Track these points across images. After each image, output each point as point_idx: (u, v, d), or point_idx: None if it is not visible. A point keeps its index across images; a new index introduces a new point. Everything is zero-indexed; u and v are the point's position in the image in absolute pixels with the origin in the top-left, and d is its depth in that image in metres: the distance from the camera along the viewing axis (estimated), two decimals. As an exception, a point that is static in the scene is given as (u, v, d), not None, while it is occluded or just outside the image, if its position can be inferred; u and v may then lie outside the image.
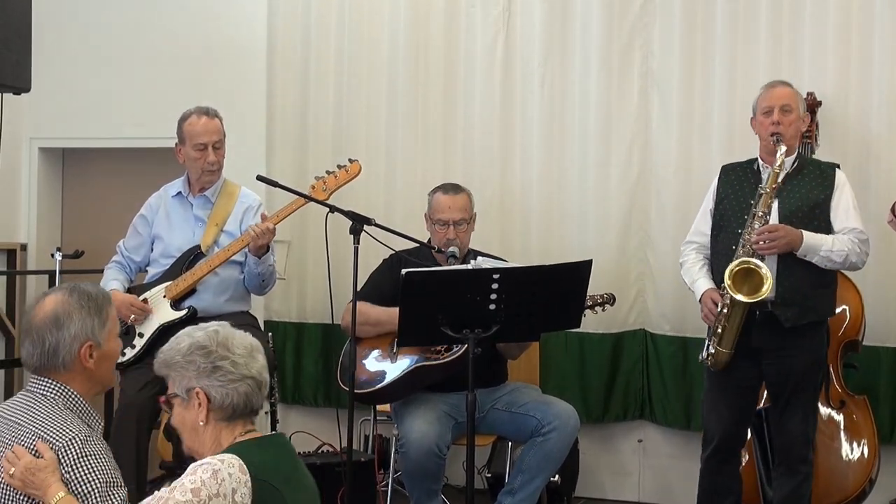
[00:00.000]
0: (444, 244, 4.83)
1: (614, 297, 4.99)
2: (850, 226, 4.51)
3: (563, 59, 5.99)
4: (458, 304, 4.03)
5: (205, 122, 4.87)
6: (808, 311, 4.47)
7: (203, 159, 4.86)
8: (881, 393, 5.38)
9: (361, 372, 4.72)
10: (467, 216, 4.94)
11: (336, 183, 4.73)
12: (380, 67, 6.32)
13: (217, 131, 4.90)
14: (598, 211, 5.93)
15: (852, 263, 4.52)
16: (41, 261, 6.96)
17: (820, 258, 4.44)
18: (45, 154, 7.24)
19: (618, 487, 6.04)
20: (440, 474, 4.67)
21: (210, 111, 4.92)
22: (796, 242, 4.41)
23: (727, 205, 4.64)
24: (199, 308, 4.79)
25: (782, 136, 4.50)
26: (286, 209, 4.78)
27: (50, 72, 6.63)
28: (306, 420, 6.39)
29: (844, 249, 4.45)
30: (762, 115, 4.59)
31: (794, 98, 4.61)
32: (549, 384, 5.69)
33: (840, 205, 4.54)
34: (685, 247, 4.82)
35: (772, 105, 4.56)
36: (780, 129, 4.51)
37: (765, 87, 4.69)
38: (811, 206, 4.51)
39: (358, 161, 4.77)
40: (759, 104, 4.63)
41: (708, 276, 4.65)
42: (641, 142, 5.87)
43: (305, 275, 6.42)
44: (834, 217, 4.53)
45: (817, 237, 4.44)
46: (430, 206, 5.00)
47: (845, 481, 4.94)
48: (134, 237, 5.04)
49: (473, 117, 6.14)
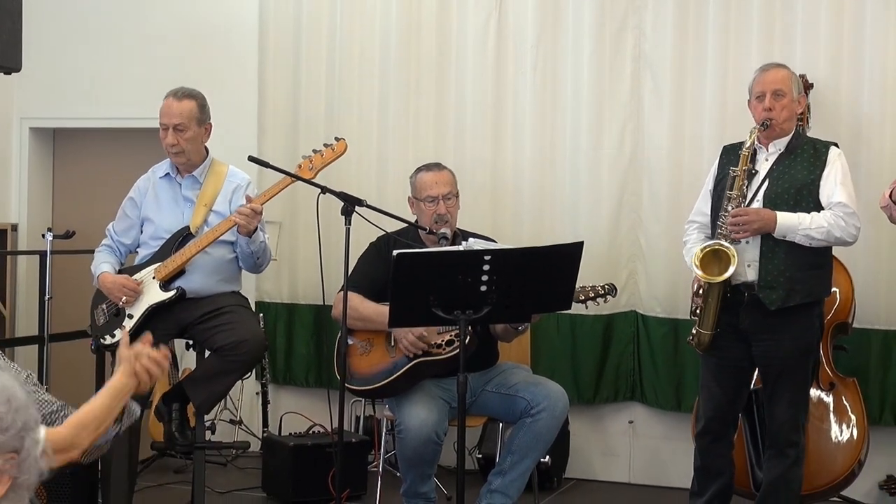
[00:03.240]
0: (435, 221, 4.82)
1: (615, 287, 4.90)
2: (836, 200, 4.42)
3: (555, 41, 5.98)
4: (449, 286, 4.03)
5: (169, 102, 4.82)
6: (793, 294, 4.42)
7: (164, 140, 4.85)
8: (871, 375, 5.40)
9: (359, 367, 4.70)
10: (454, 190, 4.93)
11: (322, 161, 4.70)
12: (372, 48, 6.31)
13: (179, 114, 4.80)
14: (590, 193, 5.93)
15: (838, 239, 4.43)
16: (32, 241, 6.96)
17: (800, 237, 4.39)
18: (36, 134, 7.22)
19: (608, 468, 6.06)
20: (436, 460, 4.68)
21: (180, 92, 4.84)
22: (769, 224, 4.38)
23: (724, 185, 4.60)
24: (191, 289, 4.78)
25: (773, 121, 4.48)
26: (272, 189, 4.75)
27: (41, 52, 6.62)
28: (297, 401, 6.41)
29: (824, 225, 4.38)
30: (755, 99, 4.57)
31: (787, 81, 4.58)
32: (541, 365, 5.70)
33: (828, 181, 4.47)
34: (688, 226, 4.79)
35: (763, 90, 4.54)
36: (771, 114, 4.49)
37: (759, 71, 4.65)
38: (798, 187, 4.47)
39: (344, 139, 4.74)
40: (753, 88, 4.60)
41: None
42: (633, 124, 5.87)
43: (297, 256, 6.42)
44: (822, 194, 4.47)
45: (793, 217, 4.39)
46: (415, 186, 4.97)
47: (834, 463, 4.96)
48: (123, 220, 5.02)
49: (465, 99, 6.14)
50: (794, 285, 4.42)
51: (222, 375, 4.76)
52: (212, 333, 4.74)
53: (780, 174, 4.51)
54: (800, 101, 4.65)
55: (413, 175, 5.01)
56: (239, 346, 4.66)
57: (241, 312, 4.86)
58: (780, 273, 4.42)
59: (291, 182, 4.71)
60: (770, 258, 4.43)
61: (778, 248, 4.42)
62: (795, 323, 4.47)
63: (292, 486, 5.43)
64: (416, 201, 4.95)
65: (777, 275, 4.42)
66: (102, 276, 4.84)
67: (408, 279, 4.05)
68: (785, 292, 4.42)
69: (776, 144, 4.55)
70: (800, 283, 4.44)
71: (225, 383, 4.83)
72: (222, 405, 6.20)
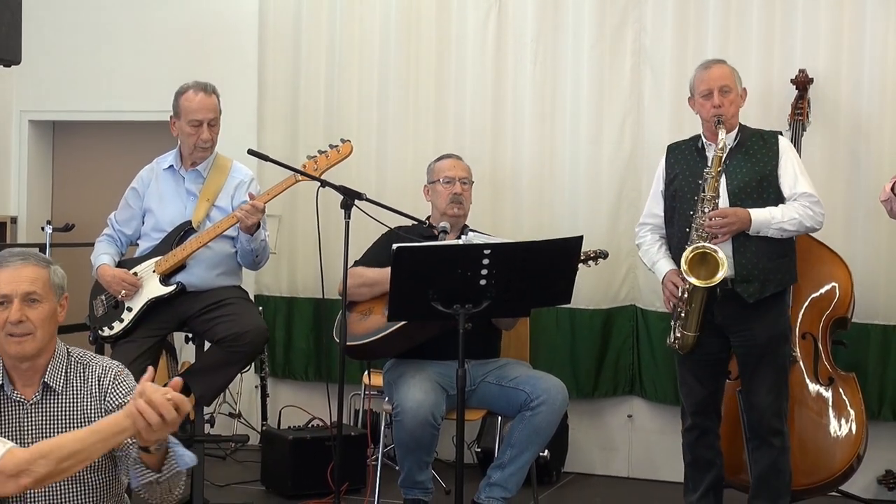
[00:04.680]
0: (451, 201, 4.91)
1: (606, 252, 5.00)
2: (800, 190, 4.52)
3: (555, 36, 5.98)
4: (448, 280, 4.03)
5: (202, 98, 4.83)
6: (768, 284, 4.51)
7: (197, 136, 4.83)
8: (869, 370, 5.41)
9: (356, 329, 4.73)
10: (470, 178, 5.04)
11: (327, 163, 4.70)
12: (372, 42, 6.30)
13: (213, 108, 4.85)
14: (590, 187, 5.93)
15: (808, 228, 4.55)
16: (31, 234, 6.96)
17: (773, 231, 4.47)
18: (36, 127, 7.22)
19: (607, 462, 6.06)
20: (433, 446, 4.68)
21: (208, 87, 4.86)
22: (746, 223, 4.44)
23: (678, 185, 4.66)
24: (191, 283, 4.79)
25: (723, 117, 4.52)
26: (276, 188, 4.74)
27: (40, 44, 6.62)
28: (296, 394, 6.41)
29: (796, 216, 4.47)
30: (701, 98, 4.60)
31: (732, 77, 4.62)
32: (540, 360, 5.70)
33: (787, 171, 4.55)
34: (640, 228, 4.86)
35: (710, 87, 4.57)
36: (721, 111, 4.53)
37: (700, 69, 4.68)
38: (758, 179, 4.53)
39: (350, 142, 4.73)
40: (697, 86, 4.64)
41: (668, 257, 4.70)
42: (633, 119, 5.87)
43: (296, 250, 6.42)
44: (783, 184, 4.55)
45: (765, 212, 4.47)
46: (432, 171, 5.05)
47: (833, 458, 4.96)
48: (125, 210, 5.03)
49: (465, 93, 6.13)
50: (767, 276, 4.50)
51: (224, 367, 4.77)
52: (213, 325, 4.75)
53: (737, 168, 4.56)
54: (743, 95, 4.69)
55: (432, 163, 5.11)
56: (241, 336, 4.67)
57: (242, 304, 4.87)
58: (754, 266, 4.49)
59: (295, 182, 4.71)
60: (743, 252, 4.48)
61: (749, 242, 4.49)
62: (770, 310, 4.55)
63: (291, 480, 5.44)
64: (432, 185, 5.00)
65: (752, 268, 4.49)
66: (101, 268, 4.84)
67: (407, 273, 4.05)
68: (760, 284, 4.49)
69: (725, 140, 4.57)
70: (772, 273, 4.52)
71: (226, 375, 4.85)
72: (221, 398, 6.21)
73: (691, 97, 4.71)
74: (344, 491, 5.05)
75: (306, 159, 4.73)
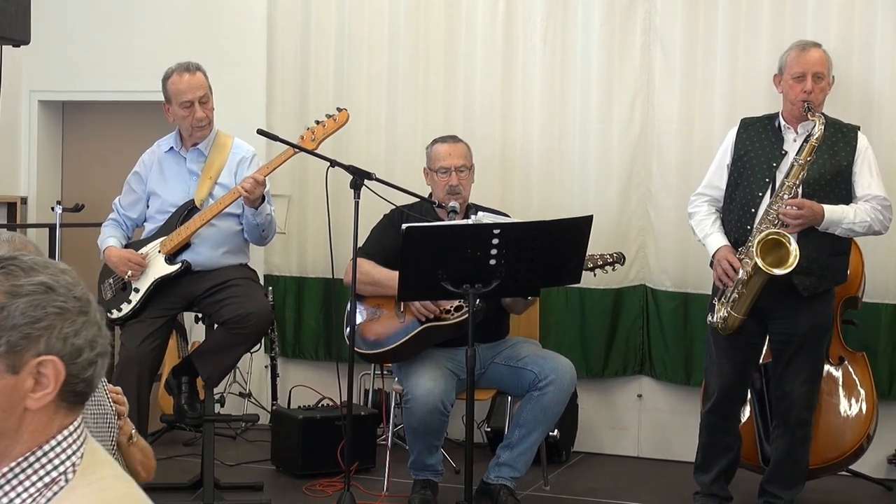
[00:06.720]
0: (447, 192, 4.83)
1: (623, 256, 4.95)
2: (873, 193, 4.46)
3: (565, 14, 5.95)
4: (458, 260, 4.03)
5: (187, 78, 4.79)
6: (823, 280, 4.47)
7: (191, 116, 4.81)
8: (880, 349, 5.39)
9: (368, 332, 4.72)
10: (468, 163, 4.96)
11: (324, 132, 4.68)
12: (381, 21, 6.27)
13: (201, 86, 4.81)
14: (600, 166, 5.91)
15: (875, 231, 4.52)
16: (41, 214, 6.97)
17: (842, 230, 4.43)
18: (45, 107, 7.22)
19: (616, 442, 6.07)
20: (443, 431, 4.70)
21: (191, 66, 4.82)
22: (818, 219, 4.38)
23: (746, 161, 4.57)
24: (197, 262, 4.79)
25: (813, 104, 4.42)
26: (275, 161, 4.74)
27: (50, 24, 6.60)
28: (306, 374, 6.42)
29: (867, 220, 4.42)
30: (792, 79, 4.49)
31: (826, 64, 4.53)
32: (549, 339, 5.71)
33: (863, 171, 4.48)
34: (696, 198, 4.76)
35: (804, 71, 4.47)
36: (811, 97, 4.43)
37: (797, 48, 4.56)
38: (834, 173, 4.46)
39: (346, 110, 4.72)
40: (790, 66, 4.51)
41: (721, 232, 4.60)
42: (643, 97, 5.84)
43: (306, 229, 6.42)
44: (857, 183, 4.48)
45: (838, 211, 4.41)
46: (430, 157, 5.00)
47: (843, 438, 4.96)
48: (129, 194, 5.03)
49: (475, 73, 6.11)
50: (824, 271, 4.47)
51: (229, 348, 4.78)
52: (218, 307, 4.75)
53: (814, 159, 4.45)
54: (831, 83, 4.60)
55: (429, 146, 5.03)
56: (245, 319, 4.68)
57: (248, 285, 4.86)
58: (814, 260, 4.42)
59: (294, 153, 4.69)
60: (805, 245, 4.39)
61: (812, 235, 4.42)
62: (817, 302, 4.50)
63: (301, 459, 5.45)
64: (430, 172, 4.97)
65: (811, 262, 4.41)
66: (108, 250, 4.85)
67: (417, 253, 4.06)
68: (817, 279, 4.45)
69: (805, 126, 4.50)
70: (829, 269, 4.49)
71: (232, 356, 4.86)
72: (231, 378, 6.22)
73: (778, 74, 4.59)
74: (354, 470, 5.06)
75: (304, 130, 4.72)
